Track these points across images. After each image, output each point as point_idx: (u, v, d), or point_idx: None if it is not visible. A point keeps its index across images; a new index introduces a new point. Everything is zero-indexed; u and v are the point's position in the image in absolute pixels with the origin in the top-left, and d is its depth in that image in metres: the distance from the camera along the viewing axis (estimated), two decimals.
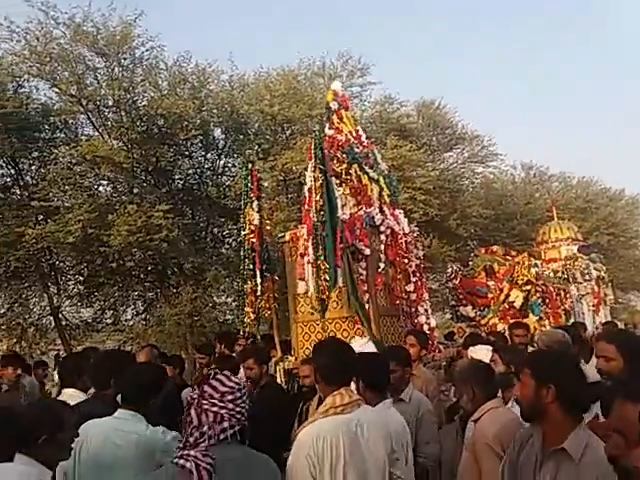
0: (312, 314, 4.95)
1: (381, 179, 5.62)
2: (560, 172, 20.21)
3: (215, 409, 2.03)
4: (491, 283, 8.50)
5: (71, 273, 12.50)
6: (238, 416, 2.06)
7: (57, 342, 12.05)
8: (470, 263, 9.13)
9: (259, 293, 5.01)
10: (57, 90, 11.40)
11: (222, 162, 13.13)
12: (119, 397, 2.99)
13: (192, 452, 1.98)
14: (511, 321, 7.65)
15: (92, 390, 3.37)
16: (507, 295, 8.35)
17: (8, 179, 12.04)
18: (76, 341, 11.98)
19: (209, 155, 13.00)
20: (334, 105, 5.77)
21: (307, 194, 4.62)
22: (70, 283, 12.57)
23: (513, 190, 18.19)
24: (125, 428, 2.62)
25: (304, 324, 5.13)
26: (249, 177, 5.17)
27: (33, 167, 12.09)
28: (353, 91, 13.35)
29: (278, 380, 4.86)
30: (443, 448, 3.54)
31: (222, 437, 2.02)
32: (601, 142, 66.62)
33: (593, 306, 10.43)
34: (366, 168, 5.46)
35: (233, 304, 11.91)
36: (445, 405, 4.34)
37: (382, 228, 5.30)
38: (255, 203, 5.14)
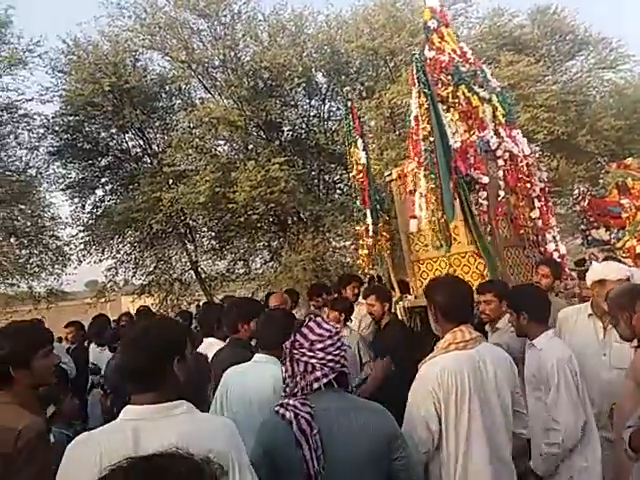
0: (430, 251, 4.77)
1: (493, 97, 5.07)
2: None
3: (305, 359, 1.99)
4: (625, 201, 7.52)
5: (204, 230, 13.48)
6: (331, 364, 1.99)
7: (199, 293, 13.23)
8: (600, 181, 8.17)
9: (372, 233, 4.96)
10: (169, 58, 12.01)
11: (326, 107, 13.04)
12: (253, 341, 3.20)
13: (291, 401, 1.96)
14: None
15: None
16: None
17: (138, 150, 13.14)
18: (215, 291, 13.09)
19: (313, 102, 12.96)
20: (432, 23, 5.28)
21: (413, 123, 4.34)
22: (204, 239, 13.60)
23: None
24: (263, 372, 2.68)
25: (420, 263, 5.01)
26: (350, 116, 5.00)
27: (158, 135, 12.99)
28: (457, 8, 12.34)
29: (399, 318, 4.89)
30: None
31: (315, 387, 1.97)
32: None
33: None
34: (475, 88, 4.96)
35: (351, 247, 12.09)
36: None
37: (499, 152, 4.84)
38: (359, 141, 4.95)
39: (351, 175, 5.14)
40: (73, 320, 6.50)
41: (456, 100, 4.93)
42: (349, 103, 5.10)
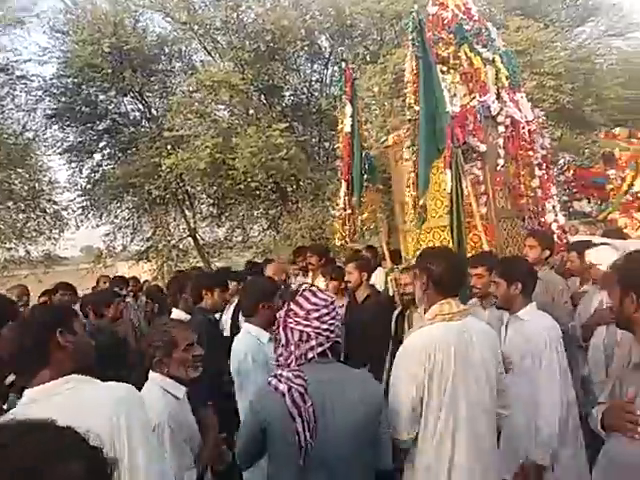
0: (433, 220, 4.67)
1: (497, 58, 4.85)
2: None
3: (300, 327, 1.98)
4: (611, 172, 7.33)
5: (203, 197, 13.35)
6: (326, 334, 1.98)
7: (197, 260, 13.20)
8: (586, 151, 7.97)
9: (342, 205, 4.80)
10: (169, 19, 11.69)
11: (329, 72, 12.70)
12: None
13: (284, 373, 1.95)
14: (635, 214, 6.78)
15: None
16: (631, 185, 7.14)
17: (138, 114, 12.92)
18: (214, 258, 13.06)
19: (316, 66, 12.67)
20: None
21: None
22: (203, 206, 13.50)
23: None
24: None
25: (414, 233, 4.89)
26: (343, 78, 4.74)
27: (157, 99, 12.75)
28: None
29: (390, 290, 4.83)
30: None
31: (310, 356, 1.98)
32: None
33: None
34: (478, 48, 4.73)
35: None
36: None
37: (500, 118, 4.68)
38: (348, 107, 4.72)
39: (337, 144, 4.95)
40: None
41: (457, 61, 4.69)
42: (344, 64, 4.84)
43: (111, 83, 11.70)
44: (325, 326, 1.99)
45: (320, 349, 1.98)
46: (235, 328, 4.26)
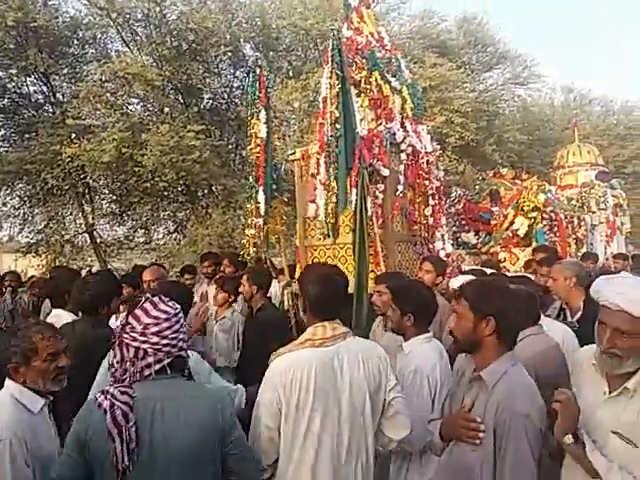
0: (322, 239, 4.56)
1: (404, 89, 5.01)
2: (602, 95, 18.92)
3: (136, 344, 1.84)
4: (495, 209, 8.05)
5: (105, 192, 12.67)
6: (166, 349, 1.85)
7: (92, 259, 12.46)
8: (476, 187, 8.67)
9: (263, 213, 4.67)
10: (86, 2, 11.09)
11: (251, 80, 12.68)
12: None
13: (111, 389, 1.82)
14: (513, 250, 7.40)
15: None
16: (512, 222, 7.91)
17: (40, 96, 12.04)
18: (111, 258, 12.39)
19: (238, 73, 12.56)
20: (354, 1, 5.14)
21: (321, 105, 4.10)
22: (104, 202, 12.78)
23: (551, 115, 17.13)
24: None
25: (313, 249, 4.92)
26: (257, 84, 4.67)
27: (64, 84, 11.97)
28: (391, 3, 12.51)
29: (286, 303, 4.81)
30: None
31: (146, 373, 1.84)
32: None
33: (606, 236, 9.69)
34: (388, 76, 4.88)
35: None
36: None
37: (403, 146, 4.86)
38: (262, 113, 4.62)
39: (248, 148, 4.86)
40: None
41: (368, 86, 4.83)
42: (258, 70, 4.74)
43: (13, 60, 10.83)
44: (165, 341, 1.85)
45: (158, 366, 1.84)
46: None
